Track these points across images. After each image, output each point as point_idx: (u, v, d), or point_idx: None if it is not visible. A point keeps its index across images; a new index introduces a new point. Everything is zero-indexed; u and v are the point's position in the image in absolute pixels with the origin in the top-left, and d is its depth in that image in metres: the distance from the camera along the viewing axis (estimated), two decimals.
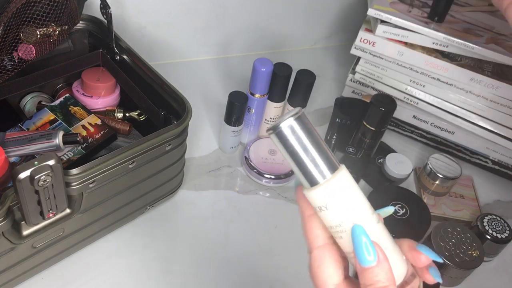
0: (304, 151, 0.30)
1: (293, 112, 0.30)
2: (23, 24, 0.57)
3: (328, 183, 0.31)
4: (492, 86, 0.76)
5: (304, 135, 0.30)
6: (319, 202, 0.31)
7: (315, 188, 0.31)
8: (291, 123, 0.30)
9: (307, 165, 0.31)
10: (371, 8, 0.77)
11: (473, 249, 0.65)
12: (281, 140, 0.31)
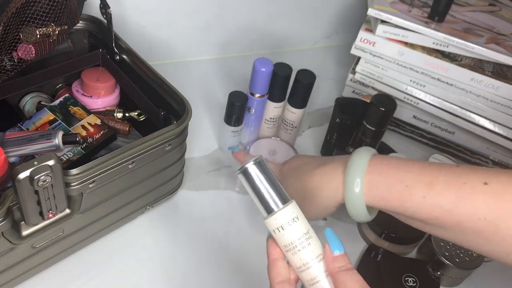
0: (262, 187, 0.40)
1: (254, 158, 0.40)
2: (22, 24, 0.57)
3: (281, 211, 0.40)
4: (492, 86, 0.76)
5: (262, 175, 0.40)
6: (274, 226, 0.40)
7: (272, 215, 0.40)
8: (252, 166, 0.40)
9: (265, 197, 0.40)
10: (371, 8, 0.77)
11: None
12: (246, 179, 0.41)
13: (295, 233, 0.40)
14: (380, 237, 0.68)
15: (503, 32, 0.79)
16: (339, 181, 0.50)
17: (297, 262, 0.40)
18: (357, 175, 0.48)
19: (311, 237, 0.40)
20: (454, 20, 0.80)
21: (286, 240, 0.40)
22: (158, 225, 0.68)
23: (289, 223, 0.40)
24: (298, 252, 0.39)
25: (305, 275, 0.40)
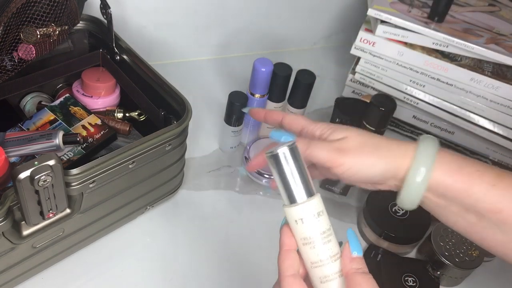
0: (290, 175, 0.38)
1: (289, 143, 0.38)
2: (23, 24, 0.57)
3: (307, 203, 0.38)
4: (492, 86, 0.76)
5: (293, 163, 0.38)
6: (295, 216, 0.39)
7: (294, 205, 0.38)
8: (285, 151, 0.38)
9: (291, 186, 0.38)
10: (371, 8, 0.77)
11: (473, 249, 0.65)
12: (275, 163, 0.38)
13: (317, 228, 0.38)
14: (380, 237, 0.68)
15: (502, 32, 0.79)
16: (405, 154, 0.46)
17: (312, 257, 0.38)
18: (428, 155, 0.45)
19: (331, 235, 0.39)
20: (454, 20, 0.80)
21: (306, 233, 0.38)
22: (158, 225, 0.68)
23: (313, 217, 0.38)
24: (316, 247, 0.38)
25: (317, 272, 0.39)
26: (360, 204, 0.76)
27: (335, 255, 0.39)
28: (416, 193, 0.45)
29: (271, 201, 0.75)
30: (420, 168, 0.44)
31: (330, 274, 0.38)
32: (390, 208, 0.69)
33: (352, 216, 0.74)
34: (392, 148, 0.46)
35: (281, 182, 0.39)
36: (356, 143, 0.45)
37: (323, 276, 0.38)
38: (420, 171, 0.44)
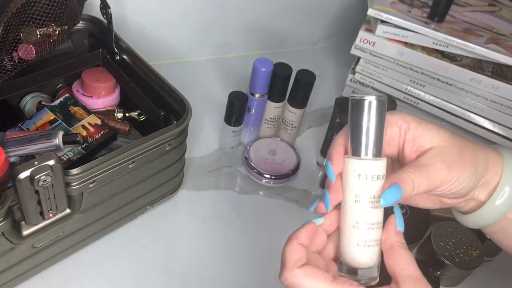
0: (371, 127, 0.37)
1: (379, 95, 0.37)
2: (23, 24, 0.57)
3: (374, 161, 0.37)
4: (492, 86, 0.76)
5: (376, 116, 0.37)
6: (360, 170, 0.37)
7: (363, 159, 0.37)
8: (373, 101, 0.37)
9: (367, 139, 0.37)
10: (371, 8, 0.77)
11: (473, 249, 0.65)
12: (357, 110, 0.37)
13: (374, 189, 0.37)
14: None
15: (502, 32, 0.79)
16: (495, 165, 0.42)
17: (359, 217, 0.38)
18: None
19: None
20: (454, 20, 0.80)
21: (362, 190, 0.37)
22: (158, 225, 0.68)
23: (375, 177, 0.37)
24: (367, 207, 0.37)
25: (358, 233, 0.38)
26: None
27: (379, 224, 0.38)
28: (498, 213, 0.42)
29: (271, 201, 0.75)
30: (506, 189, 0.41)
31: (370, 239, 0.38)
32: (390, 208, 0.69)
33: None
34: (481, 150, 0.42)
35: (357, 131, 0.37)
36: (455, 150, 0.40)
37: (362, 239, 0.38)
38: (505, 192, 0.41)
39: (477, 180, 0.41)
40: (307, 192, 0.77)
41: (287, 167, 0.76)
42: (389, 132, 0.40)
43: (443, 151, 0.39)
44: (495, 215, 0.42)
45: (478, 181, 0.41)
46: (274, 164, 0.76)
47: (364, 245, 0.38)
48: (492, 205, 0.41)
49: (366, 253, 0.38)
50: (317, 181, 0.78)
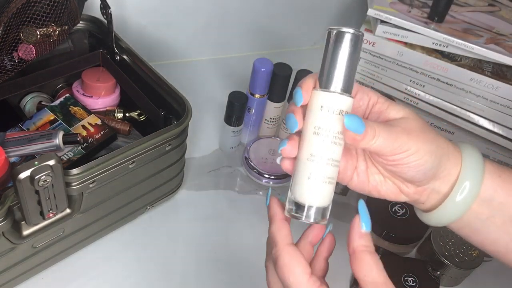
0: (342, 60, 0.36)
1: (357, 31, 0.36)
2: (23, 24, 0.57)
3: (343, 96, 0.36)
4: (492, 86, 0.76)
5: (349, 50, 0.36)
6: (323, 102, 0.36)
7: (328, 92, 0.36)
8: (349, 35, 0.36)
9: (336, 72, 0.36)
10: (371, 8, 0.77)
11: (473, 249, 0.65)
12: (335, 40, 0.36)
13: (336, 124, 0.36)
14: (380, 236, 0.68)
15: (502, 32, 0.79)
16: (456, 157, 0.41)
17: (315, 149, 0.36)
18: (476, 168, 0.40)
19: (342, 142, 0.37)
20: (454, 20, 0.80)
21: (323, 123, 0.36)
22: (158, 225, 0.68)
23: (339, 112, 0.36)
24: (325, 142, 0.36)
25: (311, 166, 0.36)
26: None
27: (335, 161, 0.37)
28: (459, 209, 0.41)
29: None
30: (466, 184, 0.40)
31: (323, 174, 0.36)
32: (390, 208, 0.69)
33: (352, 216, 0.74)
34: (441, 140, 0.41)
35: (328, 63, 0.36)
36: (419, 124, 0.40)
37: (315, 173, 0.36)
38: (465, 188, 0.40)
39: (437, 161, 0.40)
40: None
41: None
42: (359, 99, 0.41)
43: (407, 121, 0.39)
44: (457, 211, 0.41)
45: (438, 163, 0.40)
46: (274, 164, 0.76)
47: (315, 179, 0.36)
48: (452, 201, 0.41)
49: (317, 188, 0.37)
50: None
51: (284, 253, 0.36)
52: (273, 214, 0.39)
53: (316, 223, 0.38)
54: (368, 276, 0.35)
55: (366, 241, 0.36)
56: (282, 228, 0.38)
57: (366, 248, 0.36)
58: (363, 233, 0.37)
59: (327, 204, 0.38)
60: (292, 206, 0.38)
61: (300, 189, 0.37)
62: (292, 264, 0.36)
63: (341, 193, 0.76)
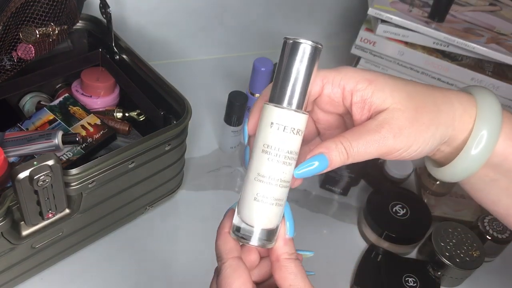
0: (296, 74, 0.34)
1: (315, 43, 0.34)
2: (22, 23, 0.57)
3: (297, 113, 0.34)
4: (493, 86, 0.76)
5: (307, 64, 0.34)
6: (274, 119, 0.34)
7: (280, 107, 0.34)
8: (307, 47, 0.34)
9: (289, 86, 0.34)
10: (371, 8, 0.77)
11: (474, 250, 0.65)
12: (290, 52, 0.34)
13: (287, 143, 0.34)
14: (381, 237, 0.68)
15: (503, 32, 0.79)
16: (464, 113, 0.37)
17: (263, 169, 0.34)
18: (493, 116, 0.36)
19: (294, 161, 0.35)
20: (455, 20, 0.80)
21: (273, 141, 0.34)
22: (158, 225, 0.68)
23: (291, 130, 0.34)
24: (274, 161, 0.34)
25: (258, 187, 0.34)
26: (361, 204, 0.76)
27: (285, 182, 0.35)
28: (474, 164, 0.37)
29: None
30: (483, 134, 0.36)
31: (270, 195, 0.34)
32: (390, 209, 0.69)
33: (353, 217, 0.74)
34: (449, 102, 0.37)
35: (282, 76, 0.34)
36: (409, 112, 0.35)
37: (262, 194, 0.34)
38: (483, 137, 0.36)
39: (438, 140, 0.36)
40: (307, 192, 0.76)
41: None
42: (328, 92, 0.37)
43: (394, 116, 0.35)
44: (473, 165, 0.37)
45: (440, 141, 0.37)
46: None
47: (262, 201, 0.34)
48: (467, 154, 0.37)
49: (264, 210, 0.34)
50: (317, 181, 0.78)
51: (226, 266, 0.35)
52: (221, 227, 0.37)
53: (261, 246, 0.35)
54: (293, 285, 0.34)
55: (290, 248, 0.35)
56: (228, 242, 0.36)
57: (290, 256, 0.35)
58: (288, 239, 0.35)
59: (274, 226, 0.35)
60: (238, 226, 0.36)
61: (246, 209, 0.35)
62: (232, 277, 0.34)
63: (342, 193, 0.76)
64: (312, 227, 0.71)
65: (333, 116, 0.40)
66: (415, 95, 0.36)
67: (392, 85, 0.36)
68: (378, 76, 0.36)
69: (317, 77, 0.36)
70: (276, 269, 0.35)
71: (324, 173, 0.75)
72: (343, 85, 0.36)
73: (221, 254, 0.36)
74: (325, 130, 0.41)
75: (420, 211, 0.70)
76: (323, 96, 0.37)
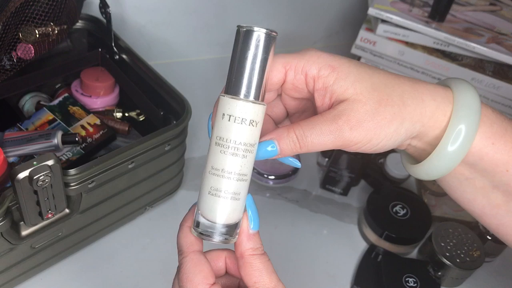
0: (251, 64, 0.32)
1: (270, 30, 0.33)
2: (22, 23, 0.56)
3: (251, 104, 0.32)
4: (493, 85, 0.76)
5: (262, 52, 0.33)
6: (227, 110, 0.33)
7: (233, 98, 0.32)
8: (261, 35, 0.33)
9: (245, 76, 0.32)
10: (371, 8, 0.77)
11: (474, 250, 0.65)
12: (243, 40, 0.33)
13: (242, 135, 0.32)
14: (381, 237, 0.67)
15: (504, 32, 0.79)
16: (438, 108, 0.35)
17: (217, 162, 0.33)
18: (471, 111, 0.34)
19: (251, 154, 0.33)
20: (455, 19, 0.80)
21: (226, 134, 0.33)
22: (158, 225, 0.68)
23: (245, 121, 0.32)
24: (227, 154, 0.33)
25: (212, 180, 0.33)
26: (361, 205, 0.76)
27: (242, 176, 0.33)
28: (451, 162, 0.35)
29: (271, 202, 0.74)
30: (461, 129, 0.34)
31: (223, 189, 0.33)
32: (390, 209, 0.69)
33: (353, 217, 0.74)
34: (418, 97, 0.35)
35: (235, 66, 0.33)
36: (371, 104, 0.33)
37: (215, 188, 0.33)
38: (460, 134, 0.34)
39: (403, 135, 0.35)
40: (307, 192, 0.76)
41: (287, 167, 0.76)
42: (291, 79, 0.35)
43: (353, 108, 0.33)
44: (449, 163, 0.35)
45: (406, 136, 0.35)
46: (274, 164, 0.76)
47: (215, 195, 0.33)
48: (441, 152, 0.35)
49: (220, 205, 0.33)
50: (317, 181, 0.78)
51: (187, 260, 0.34)
52: (183, 221, 0.36)
53: (223, 242, 0.34)
54: (258, 282, 0.33)
55: (254, 243, 0.34)
56: (189, 235, 0.35)
57: (254, 252, 0.34)
58: (251, 234, 0.34)
59: (234, 221, 0.34)
60: (199, 219, 0.34)
61: (202, 204, 0.34)
62: (193, 272, 0.33)
63: (342, 193, 0.76)
64: (312, 227, 0.71)
65: (301, 101, 0.39)
66: (380, 87, 0.34)
67: (357, 74, 0.34)
68: (343, 63, 0.35)
69: (279, 64, 0.35)
70: (241, 266, 0.34)
71: (324, 173, 0.75)
72: (305, 71, 0.35)
73: (181, 248, 0.35)
74: (293, 113, 0.40)
75: (420, 211, 0.70)
76: (287, 83, 0.36)
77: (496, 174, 0.36)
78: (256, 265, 0.33)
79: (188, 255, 0.34)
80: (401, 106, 0.34)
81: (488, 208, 0.38)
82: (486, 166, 0.36)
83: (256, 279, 0.33)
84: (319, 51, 0.36)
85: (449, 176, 0.37)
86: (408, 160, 0.40)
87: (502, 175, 0.36)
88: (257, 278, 0.33)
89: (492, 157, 0.35)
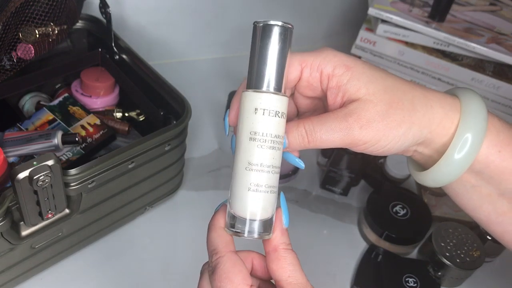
0: (273, 57, 0.33)
1: (286, 23, 0.33)
2: (22, 23, 0.56)
3: (279, 96, 0.33)
4: (493, 86, 0.76)
5: (281, 46, 0.33)
6: (257, 104, 0.33)
7: (261, 92, 0.33)
8: (278, 28, 0.32)
9: (267, 70, 0.33)
10: (371, 8, 0.77)
11: (474, 250, 0.65)
12: (262, 35, 0.33)
13: (274, 127, 0.33)
14: (381, 237, 0.67)
15: (504, 32, 0.79)
16: (447, 115, 0.36)
17: (253, 157, 0.34)
18: (478, 119, 0.35)
19: (281, 146, 0.34)
20: (455, 19, 0.80)
21: (260, 128, 0.33)
22: (158, 225, 0.68)
23: (276, 114, 0.33)
24: (264, 148, 0.33)
25: (250, 176, 0.34)
26: (361, 205, 0.76)
27: (276, 168, 0.34)
28: (457, 169, 0.35)
29: None
30: (467, 137, 0.35)
31: (265, 184, 0.34)
32: (391, 209, 0.69)
33: (353, 217, 0.74)
34: (428, 104, 0.35)
35: (257, 60, 0.33)
36: (382, 106, 0.34)
37: (255, 183, 0.33)
38: (466, 142, 0.35)
39: (411, 140, 0.35)
40: (307, 192, 0.76)
41: (287, 167, 0.76)
42: (307, 76, 0.36)
43: (364, 107, 0.34)
44: (456, 171, 0.36)
45: (413, 141, 0.36)
46: None
47: (257, 190, 0.33)
48: (448, 160, 0.35)
49: (259, 199, 0.34)
50: (317, 181, 0.78)
51: (225, 260, 0.34)
52: (214, 221, 0.36)
53: (260, 238, 0.34)
54: (292, 276, 0.33)
55: (287, 238, 0.34)
56: (224, 235, 0.35)
57: (287, 246, 0.34)
58: (284, 230, 0.34)
59: (270, 216, 0.34)
60: (233, 221, 0.35)
61: (240, 202, 0.34)
62: (232, 272, 0.33)
63: (342, 193, 0.76)
64: (312, 227, 0.71)
65: (313, 100, 0.39)
66: (392, 90, 0.35)
67: (370, 75, 0.35)
68: (357, 64, 0.35)
69: (295, 61, 0.36)
70: (273, 260, 0.34)
71: (324, 173, 0.75)
72: (321, 68, 0.36)
73: (217, 248, 0.35)
74: (304, 112, 0.41)
75: (420, 211, 0.70)
76: (302, 80, 0.37)
77: (502, 182, 0.36)
78: (289, 259, 0.33)
79: (225, 255, 0.34)
80: (411, 110, 0.35)
81: (494, 215, 0.38)
82: (492, 173, 0.36)
83: (290, 273, 0.33)
84: (335, 51, 0.36)
85: (456, 183, 0.38)
86: (415, 167, 0.41)
87: (508, 183, 0.36)
88: (291, 272, 0.33)
89: (498, 165, 0.36)
